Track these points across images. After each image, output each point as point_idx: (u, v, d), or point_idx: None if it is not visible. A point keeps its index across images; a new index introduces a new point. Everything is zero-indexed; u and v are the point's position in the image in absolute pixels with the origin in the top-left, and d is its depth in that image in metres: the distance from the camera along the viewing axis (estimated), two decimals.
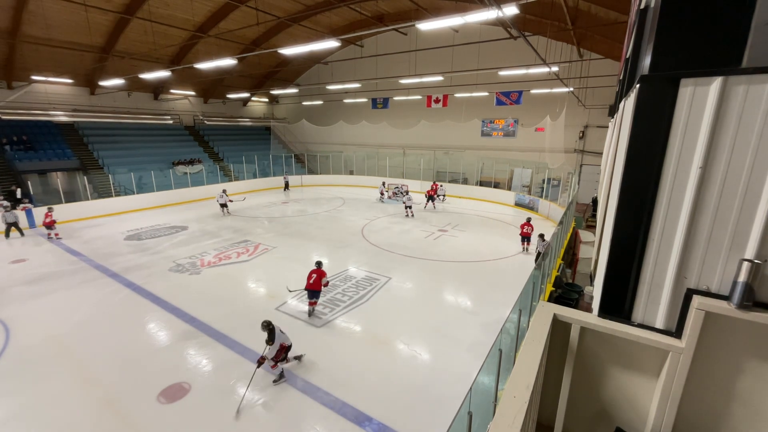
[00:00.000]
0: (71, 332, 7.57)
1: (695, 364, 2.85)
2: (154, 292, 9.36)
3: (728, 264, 2.66)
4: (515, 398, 2.50)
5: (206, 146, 28.84)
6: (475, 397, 3.46)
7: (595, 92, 19.64)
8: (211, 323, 7.82)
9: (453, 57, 21.29)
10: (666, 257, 2.86)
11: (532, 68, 14.36)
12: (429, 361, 6.68)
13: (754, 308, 2.57)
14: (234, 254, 12.15)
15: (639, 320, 3.10)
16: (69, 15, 16.76)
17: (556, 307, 3.46)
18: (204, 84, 28.00)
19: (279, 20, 18.32)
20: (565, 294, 7.83)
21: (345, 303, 8.75)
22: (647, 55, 2.99)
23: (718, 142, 2.55)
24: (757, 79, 2.39)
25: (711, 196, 2.64)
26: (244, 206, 20.02)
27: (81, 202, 17.56)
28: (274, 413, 5.46)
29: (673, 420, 3.00)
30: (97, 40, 19.32)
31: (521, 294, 5.45)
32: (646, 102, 2.76)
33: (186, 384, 5.97)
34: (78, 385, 6.01)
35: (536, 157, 21.84)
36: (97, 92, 23.73)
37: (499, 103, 19.60)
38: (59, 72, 19.57)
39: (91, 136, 23.31)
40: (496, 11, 6.63)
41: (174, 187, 20.99)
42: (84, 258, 11.87)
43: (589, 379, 3.40)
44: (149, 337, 7.44)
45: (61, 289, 9.61)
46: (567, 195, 16.91)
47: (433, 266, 11.37)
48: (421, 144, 26.94)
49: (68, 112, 21.98)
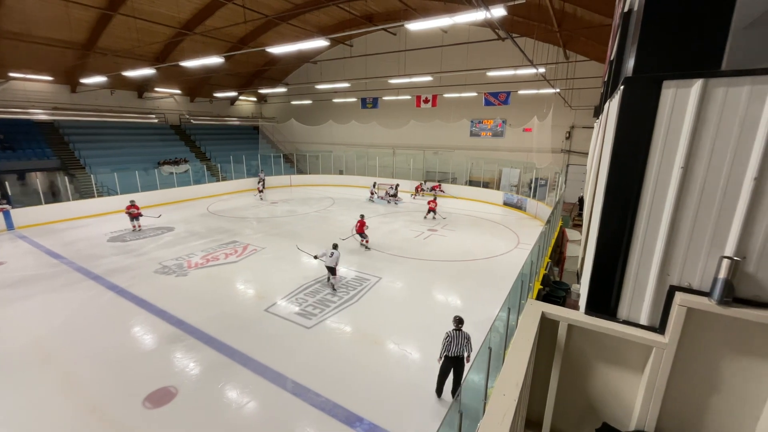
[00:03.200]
0: (53, 337, 7.35)
1: (678, 359, 2.92)
2: (139, 294, 9.17)
3: (709, 261, 2.74)
4: (505, 396, 2.53)
5: (193, 146, 28.34)
6: (465, 395, 3.49)
7: (581, 93, 20.00)
8: (198, 326, 7.70)
9: (442, 57, 21.40)
10: (650, 255, 2.93)
11: (519, 69, 14.54)
12: (420, 361, 6.70)
13: (734, 304, 2.64)
14: (222, 255, 11.98)
15: (624, 317, 3.16)
16: (49, 10, 16.27)
17: (544, 305, 3.51)
18: (190, 82, 27.52)
19: (267, 18, 18.11)
20: (552, 292, 7.98)
21: (335, 303, 8.72)
22: (631, 57, 3.05)
23: (699, 143, 2.62)
24: (736, 81, 2.46)
25: (692, 195, 2.71)
26: (230, 207, 19.76)
27: (62, 203, 17.08)
28: (264, 416, 5.40)
29: (657, 413, 3.07)
30: (79, 36, 18.80)
31: (510, 292, 5.52)
32: (630, 103, 2.81)
33: (173, 388, 5.86)
34: (61, 391, 5.84)
35: (524, 157, 22.11)
36: (79, 90, 23.08)
37: (487, 104, 19.80)
38: (39, 69, 18.96)
39: (72, 135, 22.65)
40: (484, 12, 6.69)
41: (159, 188, 20.58)
42: (65, 260, 11.55)
43: (577, 375, 3.46)
44: (134, 340, 7.28)
45: (41, 292, 9.33)
46: (554, 194, 17.17)
47: (423, 266, 11.41)
48: (411, 144, 27.01)
49: (48, 110, 21.31)
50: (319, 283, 9.86)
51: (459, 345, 5.46)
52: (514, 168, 23.15)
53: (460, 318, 5.64)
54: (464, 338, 5.53)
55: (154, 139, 26.49)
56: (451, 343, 5.48)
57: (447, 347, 5.48)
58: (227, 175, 25.99)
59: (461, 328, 5.57)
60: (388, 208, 19.97)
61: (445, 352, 5.50)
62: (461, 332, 5.54)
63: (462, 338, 5.50)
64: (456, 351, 5.46)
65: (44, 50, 18.70)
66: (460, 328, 5.56)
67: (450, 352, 5.48)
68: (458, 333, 5.51)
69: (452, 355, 5.48)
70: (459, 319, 5.62)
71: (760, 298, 2.63)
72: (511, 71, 14.96)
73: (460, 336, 5.50)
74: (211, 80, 27.84)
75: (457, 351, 5.46)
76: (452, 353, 5.48)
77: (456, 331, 5.54)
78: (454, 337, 5.50)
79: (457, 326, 5.56)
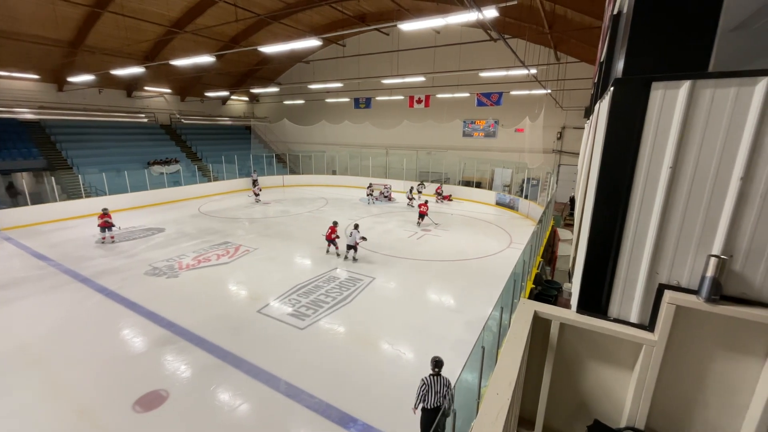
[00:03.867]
0: (40, 340, 7.20)
1: (667, 356, 2.97)
2: (128, 297, 9.02)
3: (697, 260, 2.79)
4: (498, 395, 2.54)
5: (183, 146, 28.01)
6: (458, 394, 3.50)
7: (572, 94, 20.23)
8: (190, 328, 7.60)
9: (435, 58, 21.48)
10: (639, 254, 2.97)
11: (511, 70, 14.65)
12: (413, 361, 6.70)
13: (721, 302, 2.69)
14: (214, 256, 11.85)
15: (615, 315, 3.20)
16: (35, 7, 15.94)
17: (537, 304, 3.54)
18: (181, 82, 27.18)
19: (259, 17, 17.98)
20: (545, 291, 8.05)
21: (329, 304, 8.68)
22: (620, 59, 3.10)
23: (687, 143, 2.67)
24: (723, 83, 2.51)
25: (681, 194, 2.75)
26: (222, 207, 19.57)
27: (48, 203, 16.72)
28: (257, 418, 5.36)
29: (648, 410, 3.12)
30: (66, 34, 18.45)
31: (503, 292, 5.55)
32: (620, 104, 2.85)
33: (164, 391, 5.78)
34: (49, 396, 5.72)
35: (516, 158, 22.30)
36: (66, 89, 22.65)
37: (479, 104, 19.91)
38: (24, 67, 18.55)
39: (59, 134, 22.21)
40: (477, 13, 6.72)
41: (150, 188, 20.29)
42: (52, 262, 11.31)
43: (569, 373, 3.49)
44: (124, 343, 7.16)
45: (28, 295, 9.13)
46: (546, 194, 17.34)
47: (416, 266, 11.43)
48: (404, 144, 27.05)
49: (34, 109, 20.88)
50: (312, 284, 9.82)
51: (438, 394, 4.46)
52: (507, 168, 23.34)
53: (439, 360, 4.59)
54: (444, 385, 4.48)
55: (143, 138, 26.11)
56: (428, 392, 4.46)
57: (423, 398, 4.49)
58: (219, 175, 25.74)
59: (440, 372, 4.55)
60: (382, 208, 19.96)
61: (421, 403, 4.51)
62: (440, 378, 4.50)
63: (441, 386, 4.47)
64: (434, 402, 4.44)
65: (30, 48, 18.31)
66: (439, 373, 4.54)
67: (427, 403, 4.47)
68: (437, 379, 4.48)
69: (430, 407, 4.46)
70: (437, 362, 4.57)
71: (747, 296, 2.68)
72: (503, 72, 15.07)
73: (438, 383, 4.47)
74: (202, 79, 27.54)
75: (435, 402, 4.44)
76: (430, 405, 4.46)
77: (433, 377, 4.50)
78: (431, 384, 4.47)
79: (434, 370, 4.54)
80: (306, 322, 7.85)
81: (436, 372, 4.56)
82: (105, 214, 13.19)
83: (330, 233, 11.91)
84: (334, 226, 12.06)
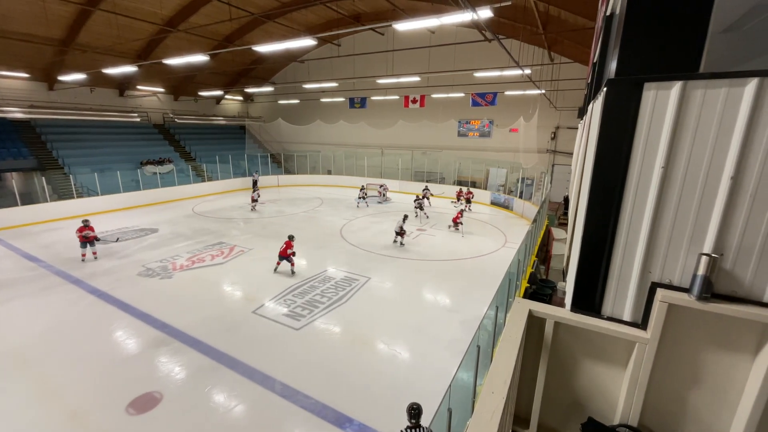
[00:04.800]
0: (31, 343, 7.10)
1: (659, 354, 3.00)
2: (121, 298, 8.93)
3: (689, 258, 2.82)
4: (493, 394, 2.55)
5: (177, 145, 27.77)
6: (454, 393, 3.51)
7: (566, 95, 20.38)
8: (184, 329, 7.54)
9: (430, 58, 21.51)
10: (632, 253, 3.00)
11: (506, 70, 14.72)
12: (409, 360, 6.72)
13: (713, 299, 2.73)
14: (208, 257, 11.77)
15: (608, 314, 3.23)
16: (26, 5, 15.69)
17: (531, 303, 3.56)
18: (174, 81, 26.95)
19: (253, 16, 17.88)
20: (539, 290, 8.09)
21: (324, 304, 8.66)
22: (613, 59, 3.12)
23: (679, 143, 2.70)
24: (713, 83, 2.55)
25: (672, 194, 2.78)
26: (216, 207, 19.43)
27: (39, 204, 16.49)
28: (252, 419, 5.33)
29: (641, 407, 3.15)
30: (57, 32, 18.18)
31: (498, 291, 5.57)
32: (613, 104, 2.88)
33: (157, 393, 5.73)
34: (40, 398, 5.65)
35: (511, 157, 22.42)
36: (57, 88, 22.34)
37: (474, 104, 19.99)
38: (14, 66, 18.26)
39: (50, 134, 21.91)
40: (471, 14, 6.75)
41: (142, 188, 20.10)
42: (43, 264, 11.16)
43: (563, 371, 3.51)
44: (117, 345, 7.08)
45: (19, 296, 9.00)
46: (540, 194, 17.45)
47: (412, 265, 11.44)
48: (399, 144, 27.07)
49: (24, 108, 20.55)
50: (307, 284, 9.78)
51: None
52: (501, 168, 23.44)
53: (418, 409, 3.80)
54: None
55: (136, 138, 25.85)
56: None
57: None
58: (213, 175, 25.56)
59: (418, 423, 3.78)
60: (377, 208, 19.95)
61: None
62: (421, 430, 3.76)
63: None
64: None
65: (20, 46, 18.01)
66: (417, 424, 3.77)
67: None
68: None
69: None
70: (416, 412, 3.78)
71: (737, 294, 2.72)
72: (498, 72, 15.14)
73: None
74: (195, 78, 27.32)
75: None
76: None
77: (412, 429, 3.76)
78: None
79: (411, 422, 3.78)
80: (301, 323, 7.83)
81: (414, 424, 3.75)
82: (86, 226, 11.09)
83: (285, 249, 10.22)
84: (290, 240, 10.36)
